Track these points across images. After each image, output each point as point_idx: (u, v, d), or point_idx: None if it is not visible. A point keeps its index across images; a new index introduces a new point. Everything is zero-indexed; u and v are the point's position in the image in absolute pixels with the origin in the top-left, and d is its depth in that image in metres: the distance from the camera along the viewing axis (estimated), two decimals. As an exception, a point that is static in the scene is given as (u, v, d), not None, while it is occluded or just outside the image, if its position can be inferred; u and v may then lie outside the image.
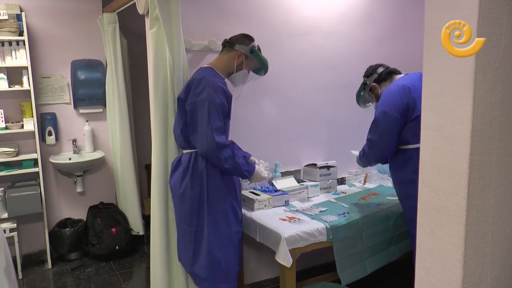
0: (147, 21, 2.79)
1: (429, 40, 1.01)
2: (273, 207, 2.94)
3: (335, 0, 3.43)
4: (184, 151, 2.63)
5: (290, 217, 2.75)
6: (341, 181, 3.53)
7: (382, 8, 3.65)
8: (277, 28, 3.22)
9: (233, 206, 2.62)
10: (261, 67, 2.71)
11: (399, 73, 2.81)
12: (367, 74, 2.86)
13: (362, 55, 3.58)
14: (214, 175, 2.53)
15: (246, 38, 2.64)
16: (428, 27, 1.03)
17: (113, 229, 3.85)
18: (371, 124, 2.67)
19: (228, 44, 2.64)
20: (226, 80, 2.66)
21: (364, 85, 2.87)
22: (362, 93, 2.89)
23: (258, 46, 2.66)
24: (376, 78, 2.81)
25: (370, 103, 2.91)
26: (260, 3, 3.15)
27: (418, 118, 2.09)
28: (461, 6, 0.94)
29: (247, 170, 2.55)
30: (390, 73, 2.80)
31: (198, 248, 2.58)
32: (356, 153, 2.97)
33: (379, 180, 3.57)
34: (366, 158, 2.83)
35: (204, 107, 2.41)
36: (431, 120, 1.00)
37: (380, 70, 2.82)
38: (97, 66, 4.03)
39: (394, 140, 2.59)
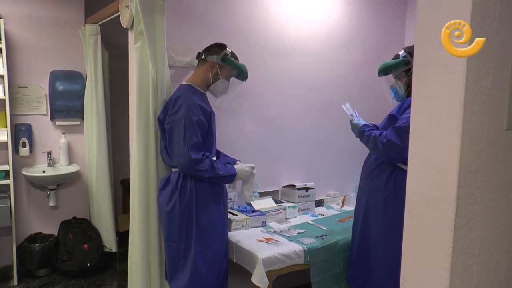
0: (131, 35, 2.76)
1: (418, 69, 1.01)
2: (250, 227, 2.92)
3: (319, 22, 3.48)
4: (173, 170, 2.60)
5: (267, 239, 2.72)
6: (319, 203, 3.53)
7: (364, 32, 3.71)
8: (260, 47, 3.24)
9: (222, 222, 2.60)
10: (238, 74, 2.67)
11: None
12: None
13: (344, 77, 3.63)
14: (203, 193, 2.51)
15: (218, 47, 2.61)
16: (417, 55, 1.03)
17: (85, 245, 3.74)
18: (403, 129, 2.34)
19: (201, 56, 2.62)
20: (208, 93, 2.65)
21: (406, 63, 2.51)
22: (397, 67, 2.55)
23: (231, 52, 2.62)
24: None
25: (396, 81, 2.58)
26: (245, 22, 3.17)
27: None
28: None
29: (229, 172, 2.53)
30: None
31: (185, 264, 2.53)
32: (348, 109, 2.72)
33: (357, 203, 3.58)
34: (375, 151, 2.55)
35: (180, 125, 2.40)
36: (419, 150, 1.00)
37: None
38: (77, 77, 3.96)
39: None
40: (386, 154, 2.48)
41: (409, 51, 2.52)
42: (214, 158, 2.59)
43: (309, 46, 3.45)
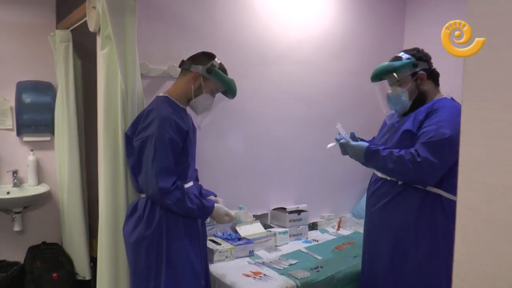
0: (99, 40, 2.44)
1: (470, 77, 0.69)
2: (235, 258, 2.58)
3: (311, 27, 3.20)
4: (142, 195, 2.24)
5: (255, 272, 2.38)
6: (313, 226, 3.21)
7: (360, 39, 3.45)
8: (246, 55, 2.94)
9: (197, 258, 2.22)
10: (225, 89, 2.32)
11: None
12: (418, 56, 2.19)
13: (337, 87, 3.36)
14: (174, 223, 2.14)
15: (205, 57, 2.27)
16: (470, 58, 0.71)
17: (54, 274, 3.38)
18: (436, 143, 2.02)
19: (185, 65, 2.28)
20: (189, 109, 2.32)
21: (412, 65, 2.17)
22: (403, 70, 2.17)
23: (220, 64, 2.27)
24: (428, 70, 2.19)
25: (395, 88, 2.23)
26: (229, 26, 2.87)
27: None
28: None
29: (203, 212, 2.17)
30: (437, 80, 2.24)
31: None
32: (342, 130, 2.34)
33: (354, 226, 3.26)
34: (400, 174, 2.16)
35: (151, 143, 2.06)
36: (470, 195, 0.67)
37: (431, 64, 2.22)
38: (46, 88, 3.62)
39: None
40: (418, 175, 2.08)
41: (413, 53, 2.20)
42: (191, 184, 2.24)
43: (299, 53, 3.16)
